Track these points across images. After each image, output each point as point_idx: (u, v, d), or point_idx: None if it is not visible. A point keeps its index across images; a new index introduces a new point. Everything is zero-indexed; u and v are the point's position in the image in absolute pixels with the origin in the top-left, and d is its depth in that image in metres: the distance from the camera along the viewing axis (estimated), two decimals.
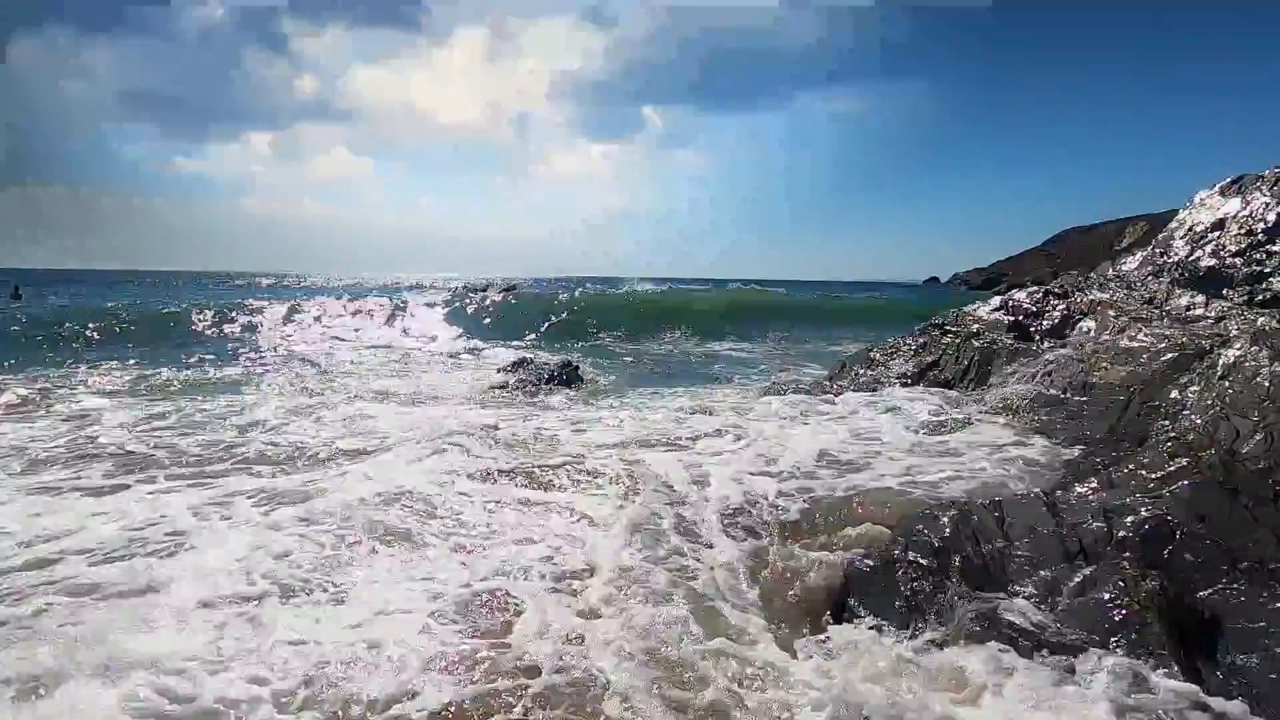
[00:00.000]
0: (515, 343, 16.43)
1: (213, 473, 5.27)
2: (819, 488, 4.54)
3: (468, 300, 21.96)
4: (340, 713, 2.54)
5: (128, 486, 4.90)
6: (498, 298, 23.03)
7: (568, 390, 9.65)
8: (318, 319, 17.45)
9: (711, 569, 3.68)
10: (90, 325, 14.39)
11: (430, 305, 20.48)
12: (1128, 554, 3.28)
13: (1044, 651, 2.89)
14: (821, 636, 3.18)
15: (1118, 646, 2.85)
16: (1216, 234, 8.86)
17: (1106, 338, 7.01)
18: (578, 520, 4.26)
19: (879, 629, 3.23)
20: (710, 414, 7.19)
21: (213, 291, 35.89)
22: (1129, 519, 3.45)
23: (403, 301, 20.96)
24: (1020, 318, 8.15)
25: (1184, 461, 3.88)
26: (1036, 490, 4.07)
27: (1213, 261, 8.55)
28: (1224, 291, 7.88)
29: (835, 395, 7.87)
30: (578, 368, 10.73)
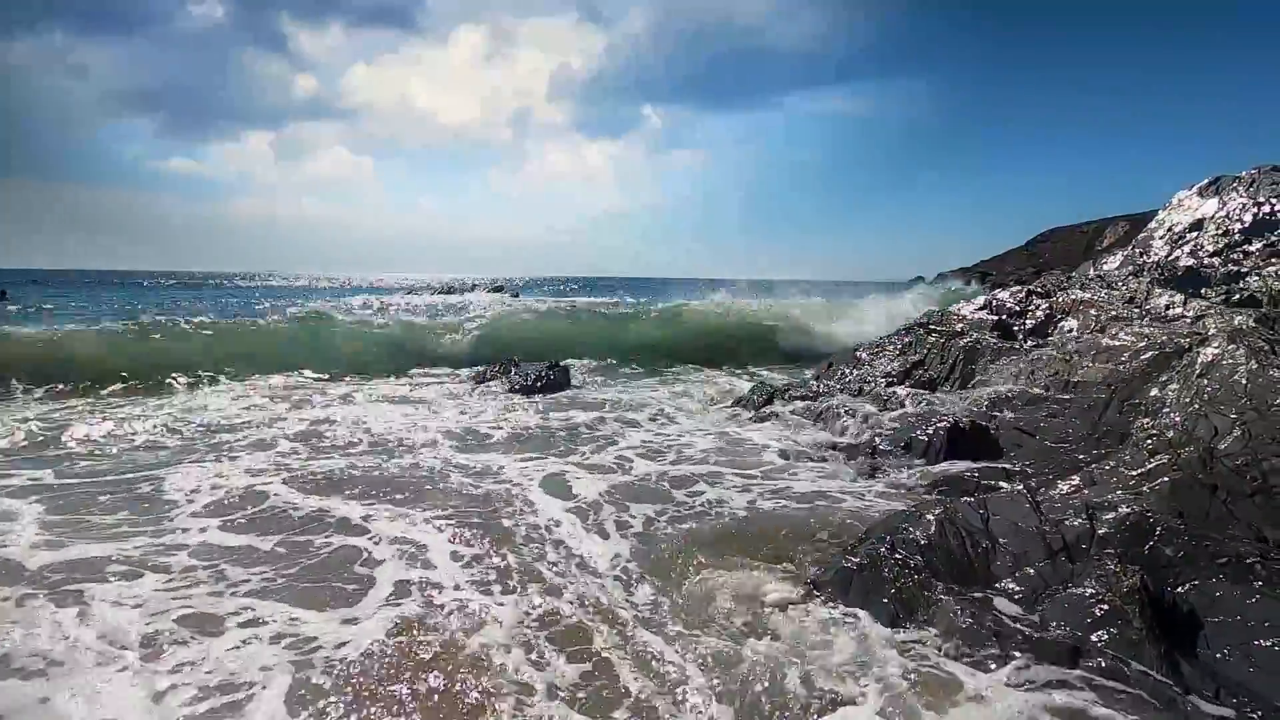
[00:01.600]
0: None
1: None
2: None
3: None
4: None
5: None
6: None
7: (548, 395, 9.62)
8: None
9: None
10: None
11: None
12: (1109, 550, 3.32)
13: (1027, 647, 2.91)
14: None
15: (1100, 642, 2.89)
16: (1195, 234, 9.01)
17: (1088, 336, 7.10)
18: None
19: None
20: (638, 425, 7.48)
21: (202, 294, 35.49)
22: (1110, 516, 3.49)
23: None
24: (1003, 317, 8.24)
25: (1164, 458, 3.94)
26: (1021, 487, 4.10)
27: (1191, 261, 8.70)
28: (1202, 291, 8.01)
29: (817, 400, 7.92)
30: (567, 369, 10.64)
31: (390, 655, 2.95)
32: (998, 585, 3.37)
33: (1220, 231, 8.73)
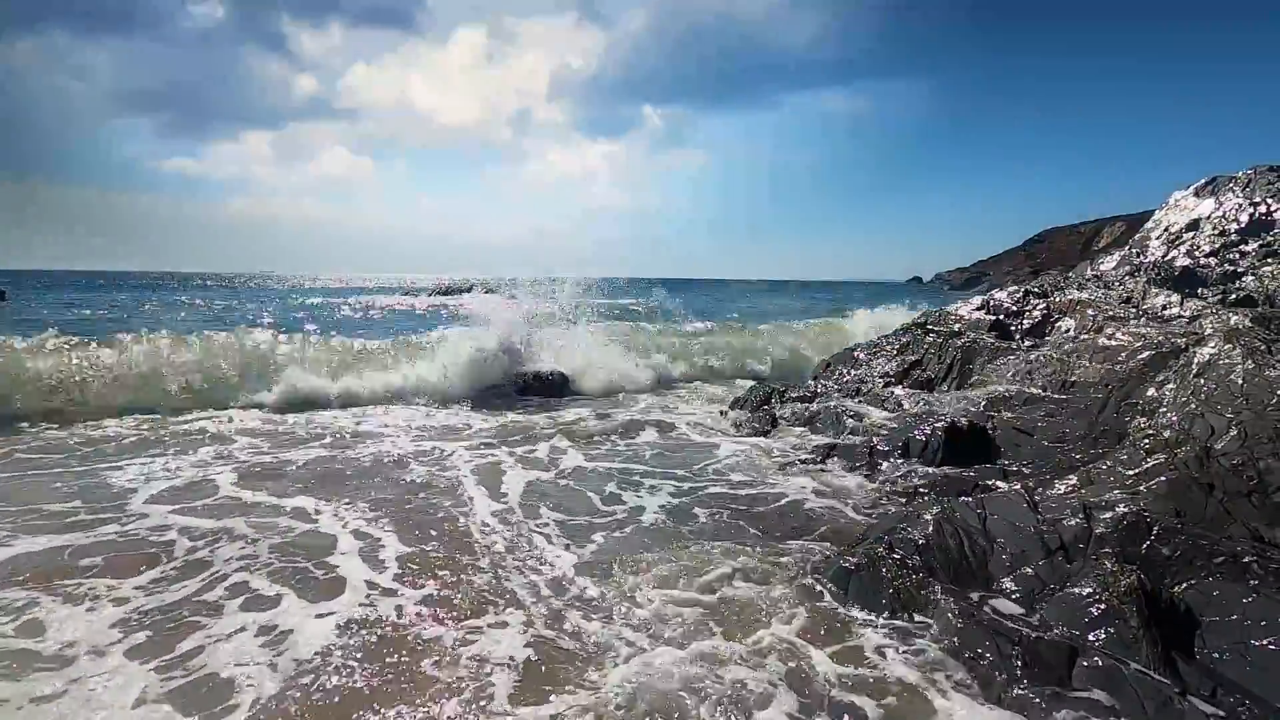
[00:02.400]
0: None
1: None
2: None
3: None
4: None
5: None
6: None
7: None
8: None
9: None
10: None
11: None
12: (1106, 550, 3.33)
13: (1023, 647, 2.92)
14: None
15: (1097, 641, 2.89)
16: (1191, 234, 9.03)
17: (1085, 336, 7.11)
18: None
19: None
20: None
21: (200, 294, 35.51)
22: (1107, 515, 3.50)
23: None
24: (1001, 317, 8.25)
25: (1161, 458, 3.95)
26: (1018, 487, 4.11)
27: (1187, 261, 8.71)
28: (1199, 290, 8.03)
29: (810, 401, 7.91)
30: (564, 372, 10.57)
31: (338, 646, 2.99)
32: (995, 585, 3.37)
33: (1216, 231, 8.75)
